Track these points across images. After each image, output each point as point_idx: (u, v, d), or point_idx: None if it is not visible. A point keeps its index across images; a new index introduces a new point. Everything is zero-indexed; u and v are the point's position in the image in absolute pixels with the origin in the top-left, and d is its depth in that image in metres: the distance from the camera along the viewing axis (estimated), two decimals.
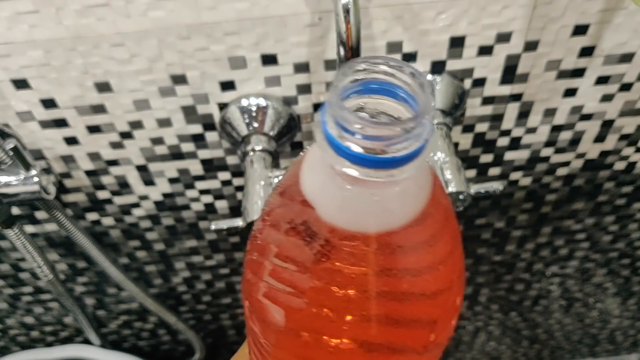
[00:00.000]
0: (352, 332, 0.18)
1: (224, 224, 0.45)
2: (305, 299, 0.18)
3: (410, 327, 0.19)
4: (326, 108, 0.16)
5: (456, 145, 0.55)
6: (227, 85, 0.46)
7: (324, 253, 0.18)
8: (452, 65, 0.46)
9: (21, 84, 0.44)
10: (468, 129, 0.53)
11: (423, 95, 0.16)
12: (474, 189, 0.46)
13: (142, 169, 0.53)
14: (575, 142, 0.57)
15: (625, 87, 0.51)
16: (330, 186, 0.17)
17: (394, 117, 0.17)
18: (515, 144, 0.56)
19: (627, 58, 0.48)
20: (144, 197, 0.57)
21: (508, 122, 0.53)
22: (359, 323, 0.18)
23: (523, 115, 0.52)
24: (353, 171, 0.16)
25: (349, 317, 0.18)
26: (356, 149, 0.15)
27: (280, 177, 0.45)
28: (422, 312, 0.19)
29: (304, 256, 0.18)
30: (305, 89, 0.47)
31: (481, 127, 0.53)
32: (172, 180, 0.55)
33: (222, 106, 0.48)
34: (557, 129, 0.55)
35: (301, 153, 0.20)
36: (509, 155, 0.57)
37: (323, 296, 0.18)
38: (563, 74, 0.49)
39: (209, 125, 0.49)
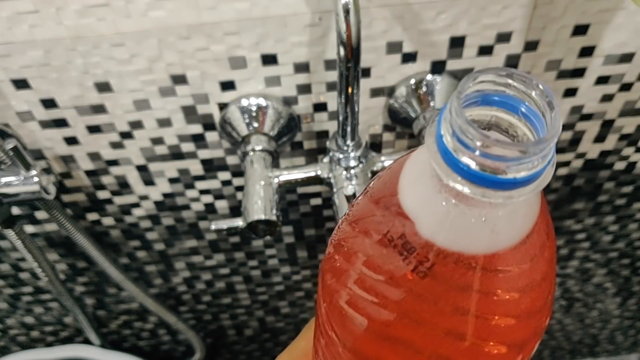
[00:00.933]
0: (439, 349, 0.18)
1: (224, 224, 0.45)
2: (394, 312, 0.18)
3: (500, 348, 0.18)
4: (444, 116, 0.15)
5: None
6: (227, 85, 0.46)
7: (421, 269, 0.17)
8: (452, 65, 0.46)
9: (21, 83, 0.44)
10: None
11: (553, 115, 0.15)
12: None
13: (142, 169, 0.53)
14: (575, 142, 0.57)
15: (626, 87, 0.51)
16: (435, 201, 0.16)
17: (508, 132, 0.16)
18: None
19: (627, 58, 0.48)
20: (144, 197, 0.57)
21: None
22: (447, 341, 0.17)
23: None
24: (466, 189, 0.15)
25: (437, 334, 0.17)
26: (475, 166, 0.14)
27: (280, 177, 0.45)
28: (514, 334, 0.18)
29: (398, 270, 0.17)
30: (305, 89, 0.47)
31: None
32: (172, 180, 0.55)
33: (222, 106, 0.48)
34: None
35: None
36: None
37: (413, 312, 0.17)
38: (563, 74, 0.49)
39: (209, 125, 0.49)
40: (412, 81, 0.46)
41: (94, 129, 0.49)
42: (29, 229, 0.60)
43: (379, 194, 0.19)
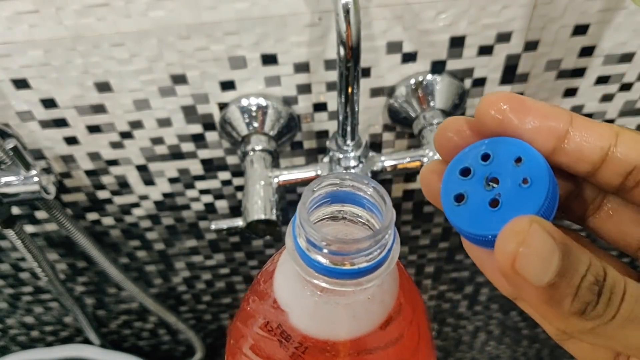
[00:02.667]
0: None
1: (224, 224, 0.45)
2: None
3: None
4: (296, 222, 0.17)
5: None
6: (227, 85, 0.46)
7: (297, 354, 0.18)
8: (452, 65, 0.46)
9: (21, 83, 0.44)
10: None
11: (385, 208, 0.17)
12: None
13: (142, 168, 0.53)
14: None
15: (626, 87, 0.51)
16: (301, 294, 0.18)
17: (357, 221, 0.18)
18: None
19: (627, 58, 0.48)
20: (144, 197, 0.57)
21: None
22: None
23: None
24: (322, 282, 0.17)
25: None
26: (324, 262, 0.16)
27: (280, 177, 0.45)
28: None
29: (279, 356, 0.19)
30: (305, 88, 0.47)
31: None
32: (172, 180, 0.55)
33: (222, 106, 0.48)
34: None
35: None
36: None
37: None
38: (563, 74, 0.49)
39: (209, 125, 0.49)
40: (412, 81, 0.46)
41: (94, 129, 0.49)
42: (29, 228, 0.60)
43: (262, 286, 0.21)
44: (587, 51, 0.47)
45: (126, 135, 0.49)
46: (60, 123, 0.48)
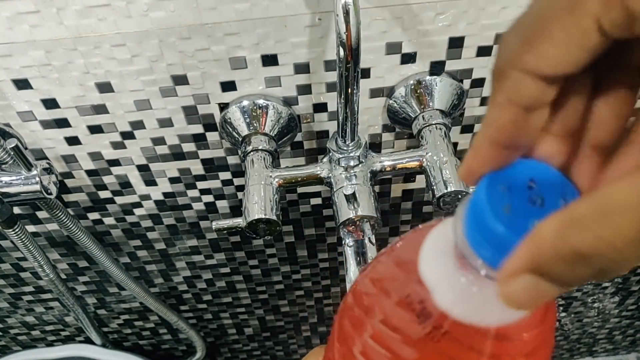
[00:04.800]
0: None
1: (225, 224, 0.45)
2: None
3: None
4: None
5: (455, 145, 0.55)
6: (228, 86, 0.46)
7: (435, 335, 0.18)
8: (451, 65, 0.46)
9: (22, 83, 0.44)
10: (467, 129, 0.53)
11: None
12: (473, 188, 0.46)
13: (143, 168, 0.54)
14: None
15: None
16: (454, 278, 0.18)
17: None
18: None
19: None
20: (145, 197, 0.57)
21: None
22: None
23: None
24: (483, 270, 0.17)
25: None
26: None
27: (281, 177, 0.46)
28: None
29: (414, 331, 0.19)
30: (305, 89, 0.47)
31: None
32: (173, 180, 0.56)
33: (223, 106, 0.48)
34: None
35: (420, 227, 0.20)
36: None
37: None
38: None
39: (209, 125, 0.50)
40: (412, 82, 0.47)
41: (95, 129, 0.49)
42: (30, 228, 0.60)
43: (401, 258, 0.20)
44: None
45: (127, 135, 0.50)
46: (62, 123, 0.48)
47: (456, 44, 0.45)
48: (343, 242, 0.45)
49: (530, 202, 0.16)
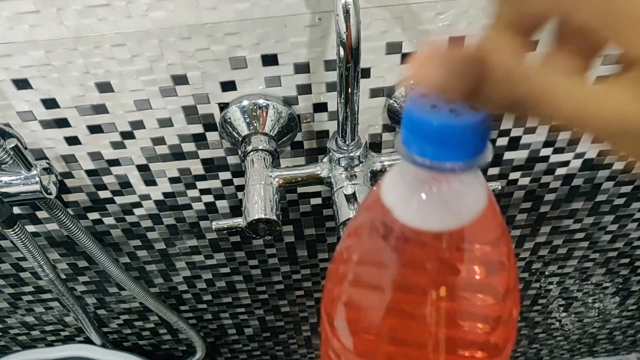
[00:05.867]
0: (424, 323, 0.20)
1: (225, 223, 0.45)
2: (383, 293, 0.20)
3: (472, 320, 0.20)
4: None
5: None
6: (228, 85, 0.46)
7: (399, 245, 0.19)
8: None
9: (22, 83, 0.44)
10: None
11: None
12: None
13: (143, 168, 0.54)
14: (574, 141, 0.57)
15: None
16: (405, 189, 0.19)
17: None
18: (514, 143, 0.56)
19: None
20: (145, 197, 0.57)
21: (507, 122, 0.53)
22: (429, 312, 0.20)
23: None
24: (427, 161, 0.18)
25: (422, 309, 0.20)
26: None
27: (281, 177, 0.46)
28: (484, 308, 0.20)
29: (383, 252, 0.20)
30: (305, 89, 0.47)
31: None
32: (173, 180, 0.56)
33: (223, 106, 0.48)
34: (556, 128, 0.55)
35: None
36: (508, 155, 0.58)
37: (399, 289, 0.20)
38: None
39: (209, 125, 0.50)
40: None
41: (95, 129, 0.49)
42: (30, 228, 0.60)
43: (368, 203, 0.22)
44: None
45: (127, 135, 0.50)
46: (61, 123, 0.48)
47: (456, 43, 0.44)
48: None
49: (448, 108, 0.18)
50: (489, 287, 0.20)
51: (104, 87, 0.45)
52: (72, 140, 0.50)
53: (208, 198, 0.59)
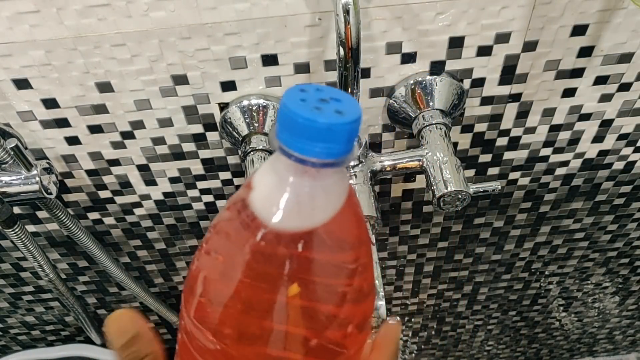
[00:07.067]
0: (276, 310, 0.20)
1: None
2: (231, 283, 0.20)
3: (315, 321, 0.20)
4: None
5: (455, 145, 0.55)
6: (228, 86, 0.46)
7: (255, 243, 0.19)
8: (452, 65, 0.46)
9: (22, 83, 0.44)
10: (467, 128, 0.53)
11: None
12: (473, 188, 0.46)
13: (143, 168, 0.54)
14: (574, 141, 0.57)
15: (624, 87, 0.51)
16: (268, 184, 0.19)
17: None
18: (514, 143, 0.56)
19: (626, 58, 0.48)
20: (145, 197, 0.57)
21: (507, 122, 0.53)
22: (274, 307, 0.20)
23: (522, 115, 0.53)
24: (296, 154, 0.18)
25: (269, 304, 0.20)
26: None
27: None
28: (329, 311, 0.20)
29: (244, 240, 0.20)
30: None
31: (480, 127, 0.53)
32: (173, 180, 0.56)
33: (223, 106, 0.48)
34: (555, 128, 0.55)
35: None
36: (507, 155, 0.58)
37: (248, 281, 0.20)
38: (562, 74, 0.49)
39: (209, 125, 0.50)
40: (412, 81, 0.47)
41: (95, 129, 0.49)
42: (30, 228, 0.60)
43: (232, 204, 0.21)
44: (586, 51, 0.47)
45: (127, 135, 0.50)
46: (62, 123, 0.48)
47: (456, 43, 0.45)
48: None
49: (320, 100, 0.18)
50: (335, 289, 0.20)
51: (104, 87, 0.45)
52: (72, 140, 0.50)
53: (208, 198, 0.59)
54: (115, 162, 0.53)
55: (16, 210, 0.57)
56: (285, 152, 0.18)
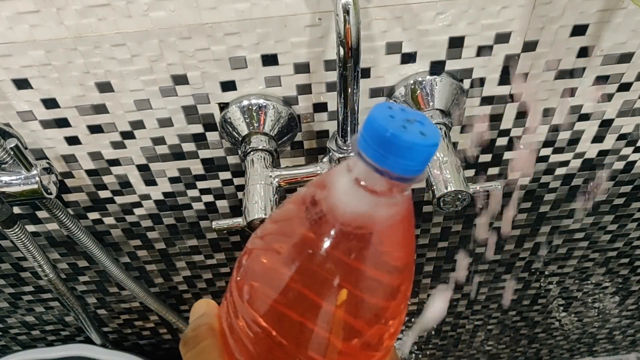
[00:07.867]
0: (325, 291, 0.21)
1: (225, 223, 0.45)
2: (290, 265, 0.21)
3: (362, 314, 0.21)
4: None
5: (455, 144, 0.55)
6: (228, 85, 0.46)
7: (315, 221, 0.20)
8: (452, 65, 0.46)
9: (22, 83, 0.44)
10: (467, 129, 0.54)
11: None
12: (472, 188, 0.46)
13: (143, 168, 0.54)
14: (573, 141, 0.57)
15: (624, 87, 0.51)
16: (344, 187, 0.20)
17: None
18: (514, 143, 0.56)
19: (626, 58, 0.48)
20: (145, 197, 0.57)
21: (507, 122, 0.53)
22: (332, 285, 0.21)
23: (522, 115, 0.53)
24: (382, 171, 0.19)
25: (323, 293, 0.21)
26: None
27: (281, 176, 0.46)
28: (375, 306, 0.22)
29: (301, 226, 0.21)
30: (305, 89, 0.47)
31: (480, 127, 0.53)
32: (173, 180, 0.56)
33: (223, 106, 0.48)
34: (555, 128, 0.55)
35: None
36: (508, 155, 0.58)
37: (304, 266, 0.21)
38: (562, 74, 0.49)
39: (209, 125, 0.50)
40: (412, 81, 0.47)
41: (95, 129, 0.49)
42: (30, 228, 0.60)
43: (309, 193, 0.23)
44: (586, 51, 0.47)
45: (127, 135, 0.50)
46: (62, 123, 0.48)
47: (456, 43, 0.45)
48: None
49: (406, 120, 0.19)
50: (384, 286, 0.21)
51: (104, 87, 0.45)
52: (72, 140, 0.50)
53: (208, 198, 0.59)
54: (115, 162, 0.53)
55: (16, 210, 0.57)
56: (366, 161, 0.19)
